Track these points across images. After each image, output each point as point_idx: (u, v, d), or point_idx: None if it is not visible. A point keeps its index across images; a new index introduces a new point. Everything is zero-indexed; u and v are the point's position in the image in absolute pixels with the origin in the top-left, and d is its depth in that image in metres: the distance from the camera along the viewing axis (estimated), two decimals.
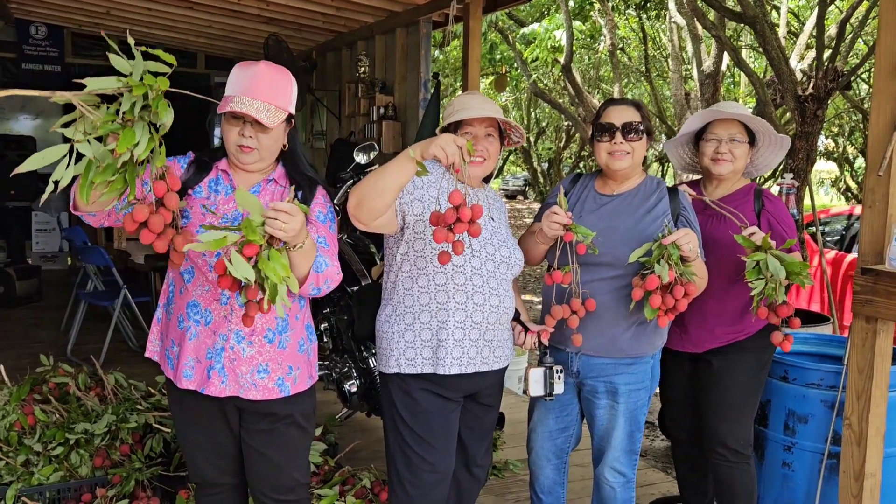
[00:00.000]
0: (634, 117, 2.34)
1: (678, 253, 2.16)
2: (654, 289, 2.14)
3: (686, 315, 2.58)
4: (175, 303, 2.06)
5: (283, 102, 1.95)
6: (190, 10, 5.98)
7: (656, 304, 2.15)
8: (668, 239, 2.16)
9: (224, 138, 1.99)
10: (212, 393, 1.99)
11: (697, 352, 2.67)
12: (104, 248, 5.59)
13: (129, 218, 1.57)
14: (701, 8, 6.26)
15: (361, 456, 3.46)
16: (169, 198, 1.59)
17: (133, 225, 1.58)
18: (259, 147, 1.95)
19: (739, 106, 2.72)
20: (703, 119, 2.67)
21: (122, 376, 3.50)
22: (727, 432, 2.64)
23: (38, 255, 8.40)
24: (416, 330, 2.17)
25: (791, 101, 5.52)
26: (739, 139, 2.60)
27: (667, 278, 2.12)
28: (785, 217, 2.61)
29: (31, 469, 2.83)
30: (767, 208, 2.61)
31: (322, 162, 7.24)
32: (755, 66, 11.52)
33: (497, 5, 5.30)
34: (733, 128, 2.60)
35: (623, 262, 2.25)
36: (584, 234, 2.20)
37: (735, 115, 2.60)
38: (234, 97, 1.89)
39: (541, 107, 18.28)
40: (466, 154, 1.87)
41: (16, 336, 5.77)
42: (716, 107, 2.72)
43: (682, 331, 2.66)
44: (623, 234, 2.31)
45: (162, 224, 1.59)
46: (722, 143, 2.59)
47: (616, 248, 2.28)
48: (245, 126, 1.93)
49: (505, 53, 9.74)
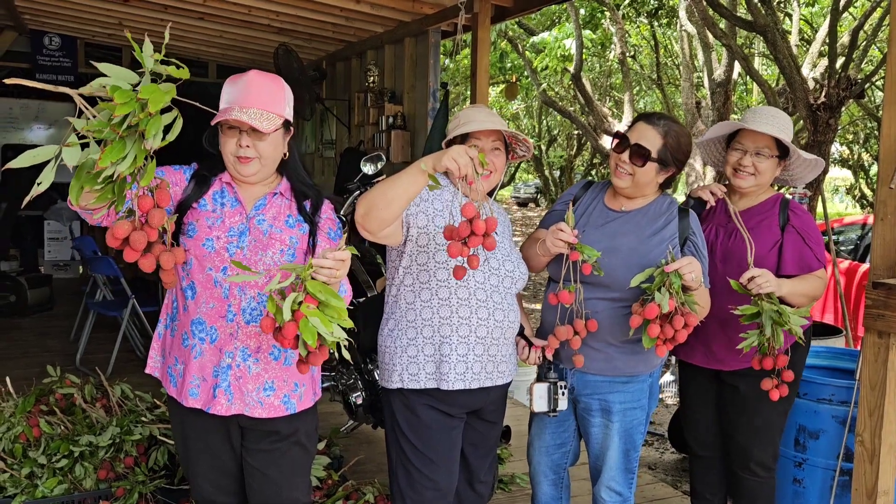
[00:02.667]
0: (650, 143, 2.24)
1: (680, 281, 2.08)
2: (654, 318, 2.06)
3: (711, 333, 2.50)
4: (179, 320, 2.02)
5: (278, 108, 1.94)
6: (201, 21, 6.01)
7: (654, 333, 2.07)
8: (670, 266, 2.09)
9: (222, 152, 1.97)
10: (218, 412, 1.97)
11: (724, 370, 2.57)
12: (113, 258, 5.60)
13: (111, 234, 1.46)
14: (711, 16, 6.22)
15: (366, 469, 3.44)
16: (153, 215, 1.48)
17: (115, 241, 1.47)
18: (259, 156, 1.93)
19: (776, 115, 2.49)
20: (730, 129, 2.54)
21: (128, 387, 3.49)
22: (760, 452, 2.58)
23: (51, 263, 8.45)
24: (419, 345, 2.14)
25: (803, 109, 5.46)
26: (766, 153, 2.46)
27: (667, 308, 2.05)
28: (812, 232, 2.48)
29: (36, 482, 2.83)
30: (793, 223, 2.48)
31: (332, 171, 7.26)
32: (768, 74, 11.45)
33: (506, 15, 5.29)
34: (761, 141, 2.45)
35: (622, 286, 2.19)
36: (590, 255, 2.13)
37: (762, 131, 2.42)
38: (228, 109, 1.88)
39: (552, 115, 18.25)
40: (479, 166, 1.84)
41: (27, 345, 5.79)
42: (748, 113, 2.54)
43: (707, 349, 2.58)
44: (625, 255, 2.26)
45: (144, 241, 1.48)
46: (746, 156, 2.47)
47: (616, 270, 2.22)
48: (242, 136, 1.91)
49: (515, 62, 9.73)
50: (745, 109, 2.92)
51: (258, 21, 5.80)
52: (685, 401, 2.78)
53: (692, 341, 2.59)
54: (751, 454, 2.59)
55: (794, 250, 2.45)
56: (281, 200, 2.04)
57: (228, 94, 1.92)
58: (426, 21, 5.33)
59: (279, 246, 1.98)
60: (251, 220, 1.98)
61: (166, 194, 1.51)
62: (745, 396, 2.55)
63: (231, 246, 1.94)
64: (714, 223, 2.58)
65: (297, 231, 2.03)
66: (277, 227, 2.00)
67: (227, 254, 1.94)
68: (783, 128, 2.46)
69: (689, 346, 2.61)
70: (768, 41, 5.36)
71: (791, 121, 2.58)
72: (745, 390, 2.54)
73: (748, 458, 2.60)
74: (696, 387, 2.70)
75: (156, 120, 1.36)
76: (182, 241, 1.95)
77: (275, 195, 2.04)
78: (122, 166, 1.35)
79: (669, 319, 2.08)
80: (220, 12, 5.62)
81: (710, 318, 2.39)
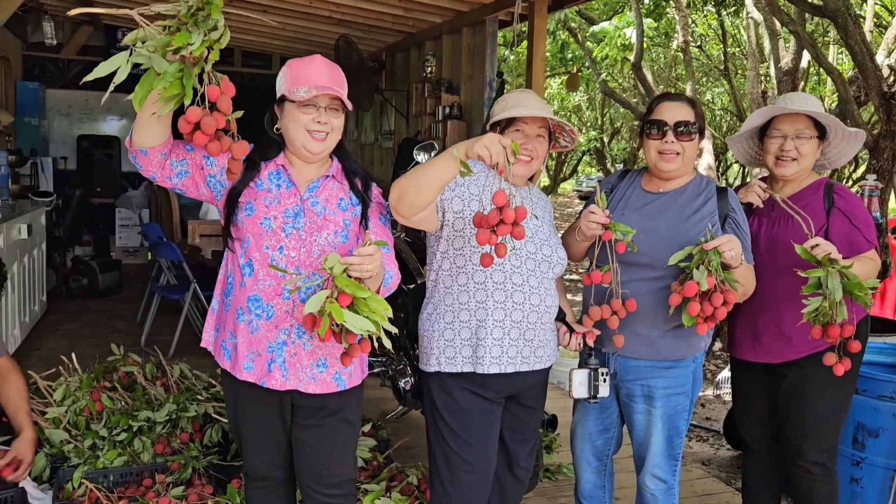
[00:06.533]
0: (688, 116, 2.26)
1: (719, 259, 2.07)
2: (693, 296, 2.05)
3: (759, 323, 2.47)
4: (235, 295, 2.07)
5: (345, 92, 2.01)
6: (264, 14, 6.15)
7: (694, 311, 2.07)
8: (709, 244, 2.08)
9: (291, 128, 2.01)
10: (272, 386, 2.03)
11: (774, 362, 2.51)
12: (178, 243, 5.80)
13: (183, 119, 1.53)
14: (778, 2, 6.01)
15: (413, 453, 3.47)
16: (222, 101, 1.55)
17: (187, 126, 1.54)
18: (332, 131, 2.00)
19: (807, 97, 2.52)
20: (767, 115, 2.51)
21: (186, 367, 3.62)
22: (811, 446, 2.49)
23: (122, 249, 8.79)
24: (456, 328, 2.16)
25: (875, 97, 5.24)
26: (807, 134, 2.42)
27: (706, 285, 2.03)
28: (859, 212, 2.41)
29: (97, 453, 2.96)
30: (838, 205, 2.42)
31: (391, 161, 7.33)
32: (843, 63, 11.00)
33: (563, 4, 5.24)
34: (800, 122, 2.43)
35: (662, 264, 2.18)
36: (624, 232, 2.13)
37: (800, 111, 2.41)
38: (305, 87, 1.94)
39: (615, 106, 17.96)
40: (511, 155, 1.83)
41: (96, 326, 6.06)
42: (780, 100, 2.56)
43: (755, 340, 2.52)
44: (665, 234, 2.24)
45: (213, 126, 1.54)
46: (787, 140, 2.43)
47: (656, 249, 2.21)
48: (320, 112, 1.98)
49: (576, 52, 9.61)
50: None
51: (318, 13, 5.90)
52: (737, 395, 2.72)
53: (740, 335, 2.54)
54: (801, 448, 2.50)
55: (842, 233, 2.37)
56: (333, 183, 2.09)
57: (296, 74, 1.98)
58: (484, 10, 5.33)
59: (333, 227, 2.04)
60: (305, 202, 2.03)
61: (230, 85, 1.57)
62: (796, 387, 2.48)
63: (287, 226, 2.00)
64: (756, 214, 2.53)
65: (350, 213, 2.08)
66: (331, 209, 2.05)
67: (283, 234, 2.00)
68: (816, 107, 2.44)
69: (738, 339, 2.56)
70: (839, 26, 5.15)
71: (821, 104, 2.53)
72: (795, 380, 2.47)
73: (799, 452, 2.51)
74: (748, 381, 2.64)
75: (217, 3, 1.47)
76: (240, 218, 2.02)
77: (327, 178, 2.09)
78: (193, 46, 1.45)
79: (709, 297, 2.07)
80: (283, 4, 5.74)
81: (758, 309, 2.34)
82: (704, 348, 2.38)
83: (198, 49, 1.46)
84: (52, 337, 5.59)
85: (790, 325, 2.38)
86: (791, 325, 2.37)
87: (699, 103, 2.36)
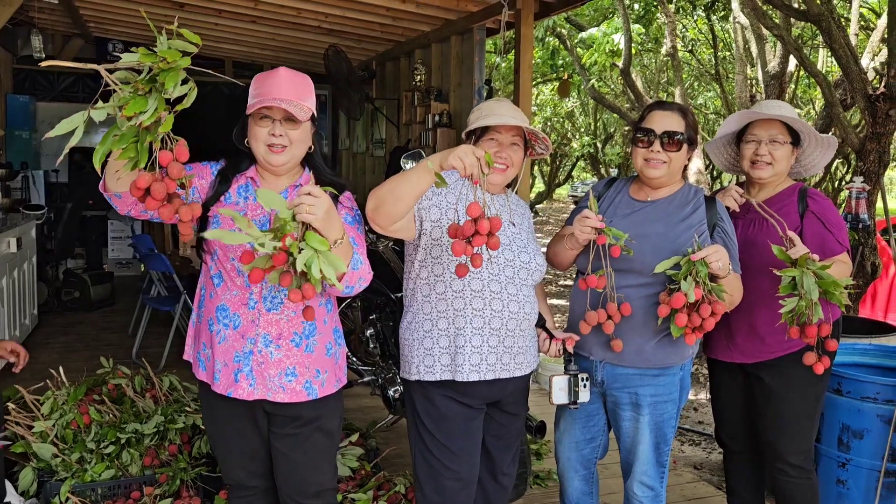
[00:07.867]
0: (677, 126, 2.27)
1: (706, 270, 2.08)
2: (681, 307, 2.07)
3: (733, 324, 2.50)
4: (206, 306, 2.11)
5: (308, 102, 2.02)
6: (253, 24, 6.18)
7: (682, 322, 2.09)
8: (696, 255, 2.09)
9: (252, 142, 2.04)
10: (240, 396, 2.04)
11: (747, 362, 2.56)
12: (169, 255, 5.81)
13: (133, 184, 1.55)
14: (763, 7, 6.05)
15: (403, 462, 3.48)
16: (173, 167, 1.56)
17: (137, 192, 1.56)
18: (290, 144, 2.00)
19: (782, 105, 2.60)
20: (742, 120, 2.57)
21: (176, 379, 3.62)
22: (787, 448, 2.53)
23: (114, 261, 8.78)
24: (434, 337, 2.17)
25: (861, 100, 5.26)
26: (780, 139, 2.48)
27: (693, 297, 2.05)
28: (832, 216, 2.47)
29: (85, 466, 2.96)
30: (812, 209, 2.47)
31: (382, 170, 7.35)
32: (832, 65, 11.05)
33: (550, 11, 5.27)
34: (774, 128, 2.49)
35: (650, 271, 2.19)
36: (617, 236, 2.14)
37: (773, 116, 2.48)
38: (262, 98, 1.96)
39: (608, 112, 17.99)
40: (485, 165, 1.83)
41: (88, 338, 6.05)
42: (756, 107, 2.61)
43: (730, 341, 2.56)
44: (654, 242, 2.25)
45: (164, 192, 1.56)
46: (762, 145, 2.49)
47: (645, 256, 2.22)
48: (275, 125, 1.99)
49: (566, 59, 9.64)
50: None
51: (308, 23, 5.93)
52: (714, 396, 2.75)
53: (715, 334, 2.57)
54: (778, 450, 2.53)
55: (815, 235, 2.41)
56: None
57: (260, 88, 2.00)
58: (471, 19, 5.36)
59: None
60: (273, 213, 2.04)
61: (184, 150, 1.59)
62: (770, 388, 2.51)
63: None
64: (731, 216, 2.55)
65: None
66: None
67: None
68: (789, 113, 2.50)
69: (713, 339, 2.59)
70: (823, 30, 5.18)
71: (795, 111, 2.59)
72: (769, 381, 2.51)
73: (777, 455, 2.54)
74: (723, 381, 2.68)
75: (174, 73, 1.49)
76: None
77: (296, 187, 2.10)
78: (143, 116, 1.48)
79: (696, 308, 2.08)
80: (271, 15, 5.76)
81: (732, 309, 2.35)
82: (692, 356, 2.40)
83: (148, 119, 1.48)
84: (43, 350, 5.58)
85: (764, 326, 2.43)
86: (764, 326, 2.42)
87: (692, 113, 2.35)
